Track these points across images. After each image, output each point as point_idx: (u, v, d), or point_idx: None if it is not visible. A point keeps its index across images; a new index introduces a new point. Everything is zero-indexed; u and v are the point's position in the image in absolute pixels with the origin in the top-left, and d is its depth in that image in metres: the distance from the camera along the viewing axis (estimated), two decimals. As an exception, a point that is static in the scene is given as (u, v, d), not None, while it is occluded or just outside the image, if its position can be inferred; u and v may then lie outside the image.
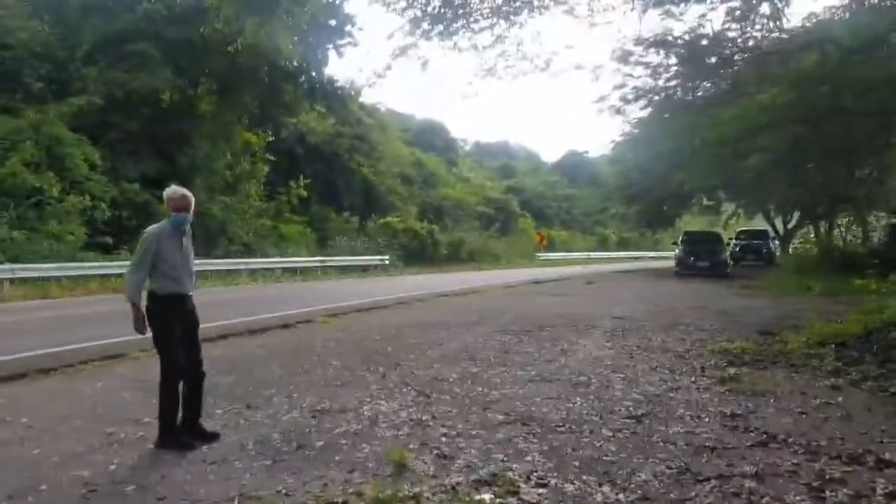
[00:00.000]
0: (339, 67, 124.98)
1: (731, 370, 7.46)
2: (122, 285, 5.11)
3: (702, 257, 25.76)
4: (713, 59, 13.60)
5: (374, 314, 13.47)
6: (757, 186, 22.04)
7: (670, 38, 13.18)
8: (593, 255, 53.89)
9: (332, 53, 29.66)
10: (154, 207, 25.69)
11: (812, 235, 43.37)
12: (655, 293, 18.61)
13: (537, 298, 16.82)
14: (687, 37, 13.12)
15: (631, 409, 6.10)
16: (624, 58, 14.45)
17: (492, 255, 42.10)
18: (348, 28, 28.84)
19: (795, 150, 17.13)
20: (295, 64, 29.46)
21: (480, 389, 6.89)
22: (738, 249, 31.46)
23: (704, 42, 13.44)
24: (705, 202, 39.06)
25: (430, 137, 62.67)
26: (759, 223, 45.80)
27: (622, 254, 58.75)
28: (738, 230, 35.12)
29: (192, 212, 5.37)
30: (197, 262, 19.69)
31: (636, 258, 56.29)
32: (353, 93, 30.39)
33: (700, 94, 14.78)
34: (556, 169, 76.68)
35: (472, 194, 50.61)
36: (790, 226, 41.85)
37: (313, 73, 30.12)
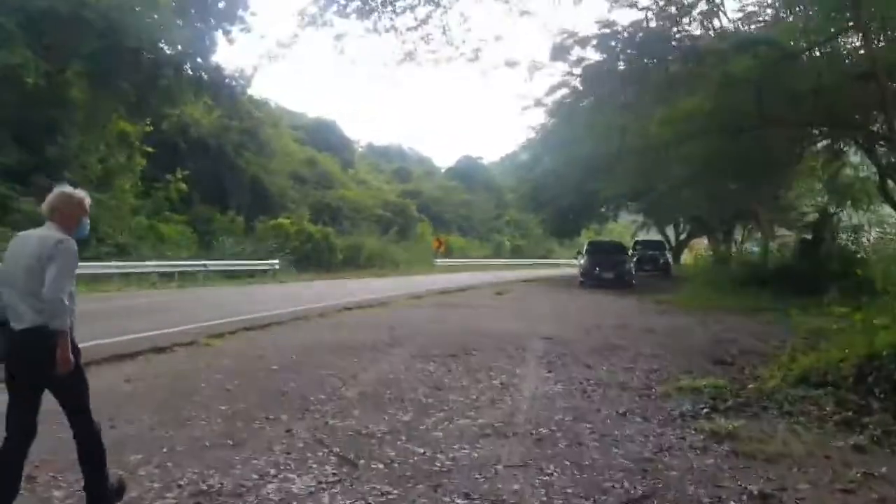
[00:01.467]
0: (230, 55, 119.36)
1: (721, 420, 6.16)
2: (54, 307, 3.67)
3: (607, 268, 25.07)
4: (649, 59, 12.55)
5: (267, 333, 11.58)
6: (671, 198, 21.49)
7: (608, 31, 12.06)
8: (489, 261, 53.11)
9: (221, 39, 27.27)
10: (14, 203, 22.67)
11: (703, 247, 44.22)
12: (571, 308, 17.52)
13: (450, 312, 15.34)
14: (626, 33, 12.04)
15: (626, 483, 4.65)
16: (560, 52, 13.22)
17: (391, 261, 40.47)
18: (240, 12, 26.56)
19: (715, 161, 16.44)
20: (179, 48, 26.80)
21: (422, 452, 5.28)
22: (635, 259, 31.14)
23: (640, 36, 12.36)
24: (607, 211, 38.50)
25: (324, 136, 60.22)
26: (646, 234, 46.51)
27: (518, 261, 58.30)
28: (634, 240, 34.92)
29: None
30: None
31: (532, 266, 56.01)
32: (243, 83, 27.99)
33: (633, 94, 13.69)
34: (451, 174, 75.72)
35: (370, 197, 48.80)
36: (682, 237, 42.49)
37: (199, 60, 27.55)
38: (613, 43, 12.14)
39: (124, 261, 24.48)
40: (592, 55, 13.51)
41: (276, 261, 30.15)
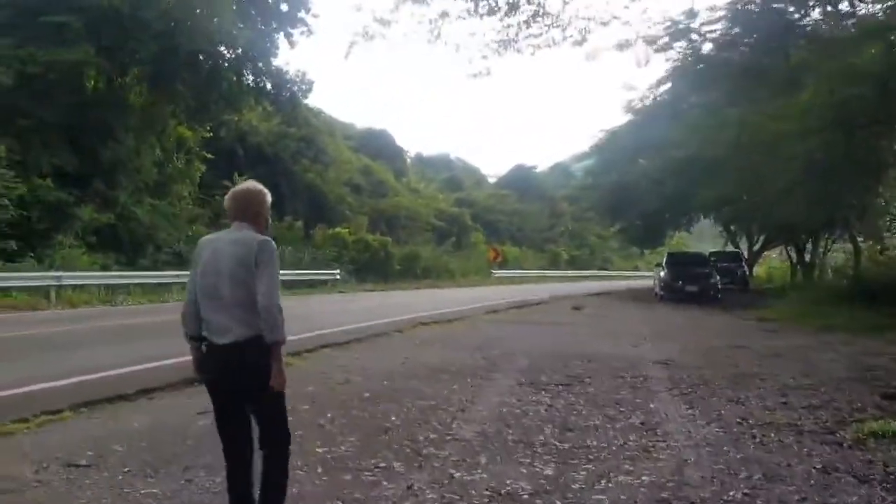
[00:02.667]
0: (291, 59, 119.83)
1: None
2: (271, 317, 3.27)
3: (690, 281, 23.37)
4: (770, 46, 11.09)
5: (348, 352, 10.39)
6: (769, 202, 19.67)
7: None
8: (546, 273, 51.55)
9: (282, 42, 26.45)
10: (70, 208, 22.06)
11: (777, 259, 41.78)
12: (666, 325, 15.98)
13: (535, 329, 13.98)
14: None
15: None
16: (678, 35, 11.85)
17: (446, 271, 39.26)
18: (302, 14, 25.69)
19: (828, 160, 14.77)
20: (239, 52, 26.07)
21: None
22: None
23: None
24: (689, 220, 35.68)
25: (376, 145, 59.51)
26: (705, 246, 44.12)
27: (576, 273, 56.61)
28: (709, 252, 32.66)
29: None
30: (120, 273, 15.69)
31: (592, 278, 54.28)
32: (304, 87, 27.09)
33: (750, 86, 12.22)
34: (503, 183, 74.32)
35: (424, 205, 47.67)
36: (756, 247, 40.24)
37: (259, 64, 26.75)
38: (738, 27, 10.69)
39: (182, 269, 23.72)
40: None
41: (337, 271, 29.17)
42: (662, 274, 24.53)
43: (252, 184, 3.65)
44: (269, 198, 3.61)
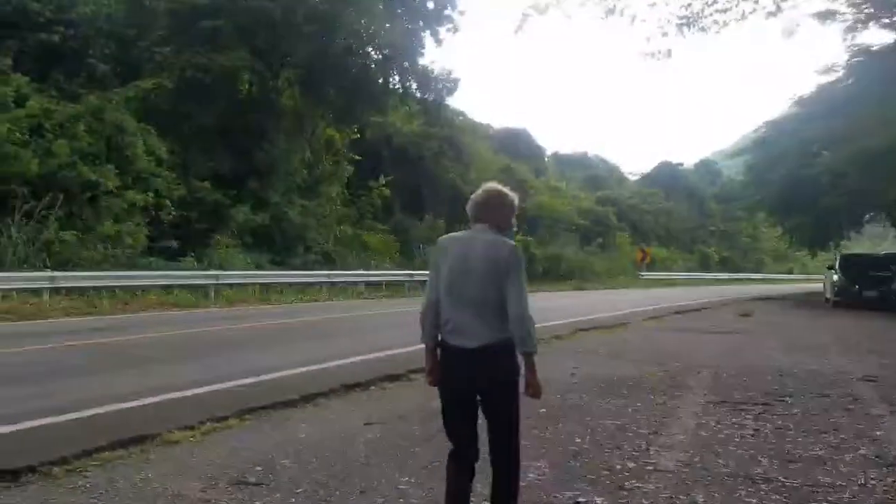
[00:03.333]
0: (437, 57, 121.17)
1: None
2: (524, 327, 3.24)
3: (868, 285, 21.07)
4: None
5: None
6: None
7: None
8: (696, 275, 49.03)
9: (429, 41, 26.23)
10: (226, 209, 22.74)
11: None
12: (849, 334, 14.27)
13: (708, 338, 12.77)
14: None
15: None
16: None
17: (591, 273, 37.97)
18: (448, 11, 25.36)
19: None
20: (386, 52, 26.07)
21: None
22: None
23: None
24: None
25: (515, 144, 58.70)
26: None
27: (728, 275, 53.60)
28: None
29: None
30: (273, 272, 15.67)
31: (748, 281, 51.30)
32: (450, 85, 26.76)
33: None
34: (648, 181, 71.52)
35: (566, 204, 46.43)
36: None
37: (406, 64, 26.65)
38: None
39: (329, 269, 23.97)
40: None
41: (480, 272, 28.66)
42: (836, 277, 22.20)
43: (501, 186, 3.56)
44: (515, 203, 3.54)
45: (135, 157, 20.44)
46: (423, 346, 3.51)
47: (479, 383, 3.31)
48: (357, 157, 28.65)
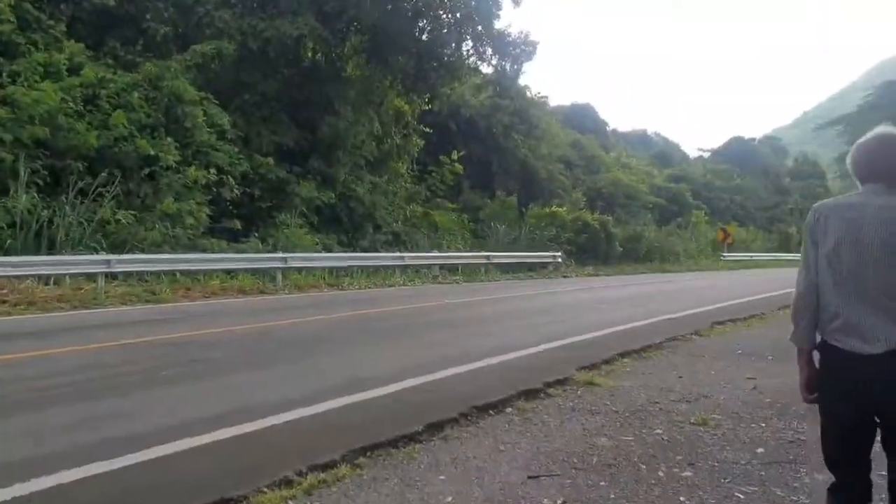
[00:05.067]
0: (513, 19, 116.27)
1: None
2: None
3: None
4: None
5: (649, 365, 7.74)
6: None
7: None
8: (779, 256, 46.13)
9: (506, 1, 24.11)
10: (291, 186, 21.20)
11: None
12: None
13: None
14: None
15: None
16: None
17: (671, 254, 35.58)
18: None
19: None
20: (459, 14, 24.04)
21: None
22: None
23: None
24: None
25: (580, 120, 56.35)
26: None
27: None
28: None
29: None
30: (343, 254, 13.49)
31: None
32: (529, 49, 24.60)
33: None
34: (720, 157, 68.26)
35: (640, 181, 43.95)
36: None
37: (480, 28, 24.58)
38: None
39: (400, 250, 22.29)
40: None
41: (559, 253, 26.70)
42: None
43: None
44: None
45: (195, 130, 18.97)
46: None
47: (884, 402, 2.45)
48: (428, 130, 26.79)
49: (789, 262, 44.92)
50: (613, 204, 37.84)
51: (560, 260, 26.65)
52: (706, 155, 73.67)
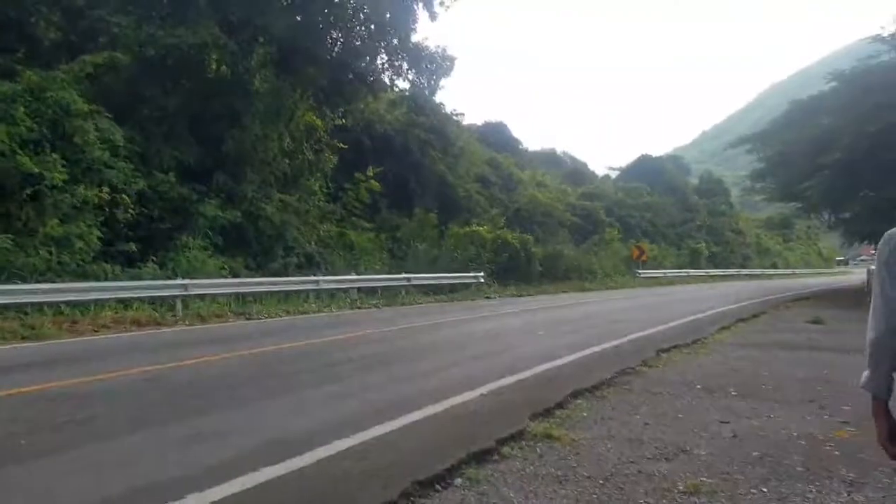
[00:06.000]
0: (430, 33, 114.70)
1: None
2: None
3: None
4: None
5: (607, 408, 6.79)
6: None
7: None
8: (691, 272, 46.97)
9: (422, 14, 23.22)
10: (194, 205, 19.60)
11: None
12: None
13: (828, 359, 10.02)
14: None
15: None
16: None
17: (589, 272, 35.36)
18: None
19: None
20: (372, 28, 23.02)
21: None
22: None
23: None
24: None
25: (495, 139, 55.98)
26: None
27: (722, 272, 51.80)
28: None
29: None
30: (250, 279, 11.93)
31: (744, 277, 49.65)
32: (447, 64, 23.76)
33: None
34: (626, 176, 69.27)
35: (556, 200, 43.79)
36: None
37: (395, 41, 23.61)
38: None
39: (313, 274, 20.92)
40: None
41: (481, 273, 25.88)
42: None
43: None
44: None
45: (85, 146, 17.17)
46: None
47: None
48: (342, 145, 25.53)
49: (698, 278, 45.91)
50: (532, 223, 37.37)
51: (482, 280, 25.86)
52: (615, 174, 74.79)
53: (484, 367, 8.83)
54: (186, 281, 16.16)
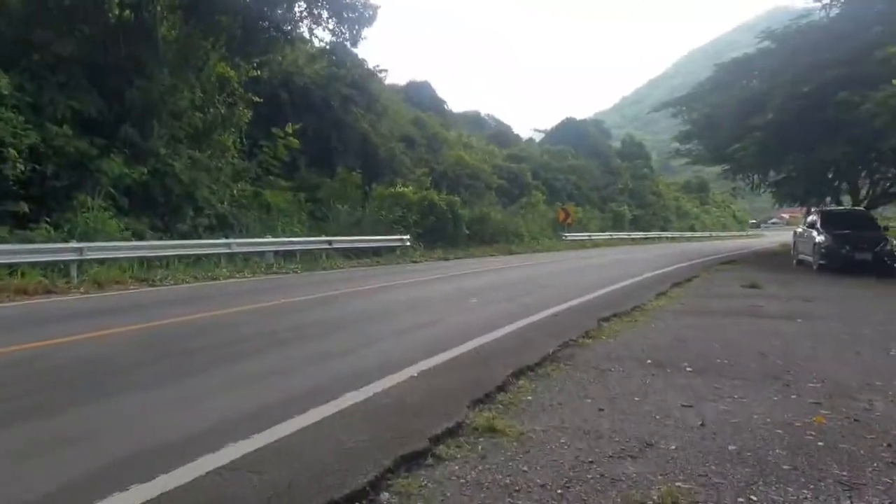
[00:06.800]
0: None
1: None
2: None
3: (860, 247, 18.54)
4: None
5: (554, 390, 5.95)
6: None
7: None
8: (616, 235, 47.15)
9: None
10: (94, 162, 17.92)
11: None
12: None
13: (773, 327, 9.44)
14: None
15: None
16: None
17: (516, 235, 34.79)
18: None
19: None
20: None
21: None
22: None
23: None
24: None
25: (419, 98, 54.62)
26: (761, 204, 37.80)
27: (644, 234, 52.29)
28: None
29: None
30: (155, 242, 10.34)
31: (668, 239, 50.31)
32: (369, 13, 22.31)
33: None
34: (554, 138, 68.96)
35: (482, 161, 42.94)
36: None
37: (315, -13, 22.04)
38: None
39: (227, 236, 19.53)
40: None
41: (407, 236, 24.88)
42: (820, 238, 19.43)
43: None
44: None
45: (-36, 94, 15.27)
46: None
47: None
48: (257, 99, 23.89)
49: (622, 240, 46.19)
50: (458, 184, 36.45)
51: (408, 243, 24.87)
52: (540, 136, 74.45)
53: (413, 343, 7.90)
54: (83, 244, 14.62)
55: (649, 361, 7.00)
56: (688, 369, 6.70)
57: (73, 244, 14.54)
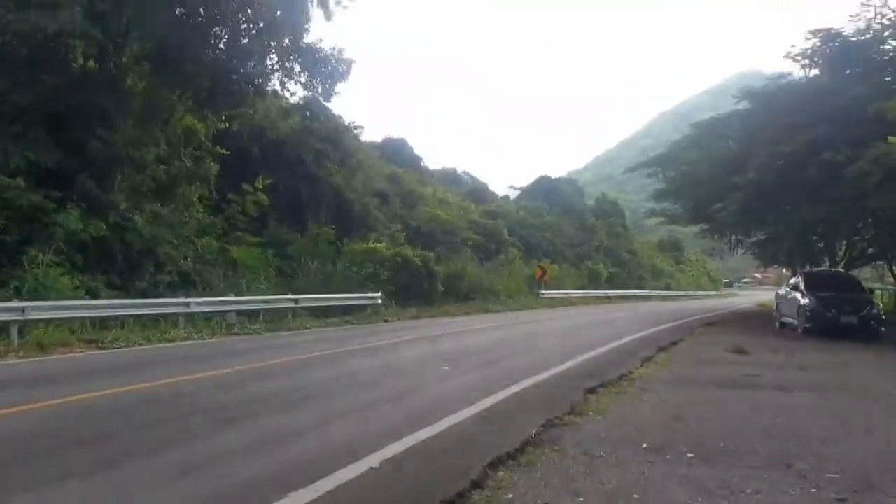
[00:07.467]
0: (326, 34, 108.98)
1: None
2: None
3: (846, 310, 17.98)
4: None
5: (539, 485, 5.06)
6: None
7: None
8: (592, 293, 46.56)
9: (316, 13, 21.27)
10: (49, 215, 16.96)
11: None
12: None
13: (770, 400, 8.69)
14: None
15: None
16: None
17: (492, 293, 34.02)
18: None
19: None
20: (261, 26, 20.90)
21: None
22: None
23: None
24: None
25: (396, 155, 54.32)
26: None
27: (622, 292, 51.84)
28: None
29: None
30: (108, 302, 9.40)
31: (643, 298, 49.94)
32: (343, 68, 21.84)
33: None
34: (526, 197, 68.88)
35: (458, 217, 42.38)
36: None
37: (287, 41, 21.58)
38: None
39: (190, 295, 18.51)
40: None
41: (379, 294, 23.99)
42: (805, 301, 18.86)
43: None
44: None
45: None
46: None
47: None
48: (224, 152, 23.13)
49: (598, 299, 45.57)
50: (433, 241, 35.68)
51: (380, 301, 23.96)
52: (516, 193, 74.40)
53: (378, 422, 7.03)
54: (24, 304, 13.55)
55: (644, 445, 6.18)
56: (689, 455, 5.91)
57: (14, 303, 13.48)
